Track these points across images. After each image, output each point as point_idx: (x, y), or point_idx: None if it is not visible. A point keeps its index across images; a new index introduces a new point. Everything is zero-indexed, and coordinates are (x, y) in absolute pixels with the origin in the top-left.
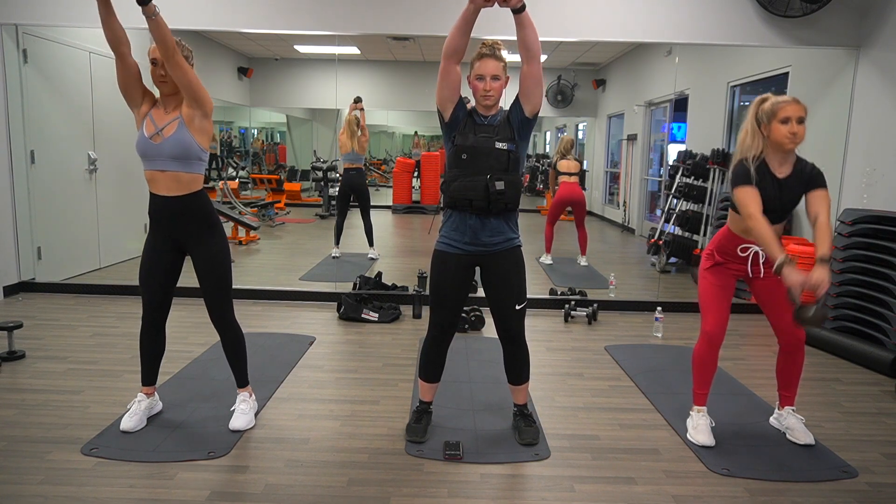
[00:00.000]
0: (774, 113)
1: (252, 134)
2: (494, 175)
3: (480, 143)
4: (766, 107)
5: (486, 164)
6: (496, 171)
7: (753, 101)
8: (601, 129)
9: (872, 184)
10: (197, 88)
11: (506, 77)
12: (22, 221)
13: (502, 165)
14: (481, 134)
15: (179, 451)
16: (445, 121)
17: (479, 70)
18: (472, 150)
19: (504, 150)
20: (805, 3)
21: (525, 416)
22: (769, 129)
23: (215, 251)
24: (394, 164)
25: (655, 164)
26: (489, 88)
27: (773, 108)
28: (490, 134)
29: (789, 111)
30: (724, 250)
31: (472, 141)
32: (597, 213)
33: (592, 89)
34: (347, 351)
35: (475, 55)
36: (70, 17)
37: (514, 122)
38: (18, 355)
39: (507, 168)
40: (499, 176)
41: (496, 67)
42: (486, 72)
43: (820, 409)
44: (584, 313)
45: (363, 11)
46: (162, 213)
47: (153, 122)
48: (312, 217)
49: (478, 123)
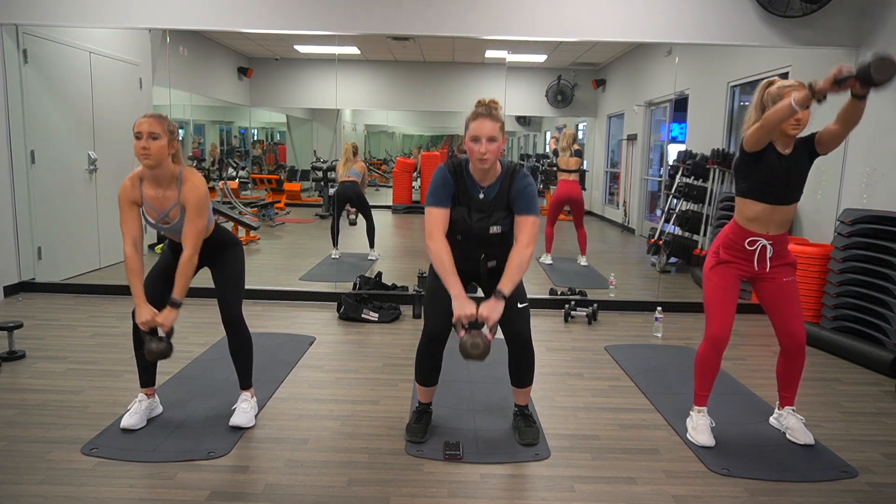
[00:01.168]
0: (780, 97)
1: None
2: (487, 256)
3: (475, 228)
4: (772, 90)
5: (479, 247)
6: (489, 252)
7: (760, 83)
8: (601, 129)
9: (872, 184)
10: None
11: (503, 137)
12: (22, 221)
13: (495, 247)
14: (476, 216)
15: (179, 451)
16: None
17: (474, 131)
18: (466, 234)
19: (498, 234)
20: (805, 3)
21: (525, 416)
22: None
23: (234, 264)
24: (394, 164)
25: (655, 164)
26: (485, 151)
27: (779, 92)
28: (485, 213)
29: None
30: (731, 245)
31: (466, 226)
32: (597, 213)
33: (592, 89)
34: (347, 351)
35: (470, 115)
36: (70, 17)
37: (512, 196)
38: (18, 355)
39: (501, 245)
40: (491, 255)
41: (493, 129)
42: (483, 133)
43: (820, 409)
44: (584, 313)
45: (363, 11)
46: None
47: (153, 209)
48: (312, 217)
49: (473, 197)
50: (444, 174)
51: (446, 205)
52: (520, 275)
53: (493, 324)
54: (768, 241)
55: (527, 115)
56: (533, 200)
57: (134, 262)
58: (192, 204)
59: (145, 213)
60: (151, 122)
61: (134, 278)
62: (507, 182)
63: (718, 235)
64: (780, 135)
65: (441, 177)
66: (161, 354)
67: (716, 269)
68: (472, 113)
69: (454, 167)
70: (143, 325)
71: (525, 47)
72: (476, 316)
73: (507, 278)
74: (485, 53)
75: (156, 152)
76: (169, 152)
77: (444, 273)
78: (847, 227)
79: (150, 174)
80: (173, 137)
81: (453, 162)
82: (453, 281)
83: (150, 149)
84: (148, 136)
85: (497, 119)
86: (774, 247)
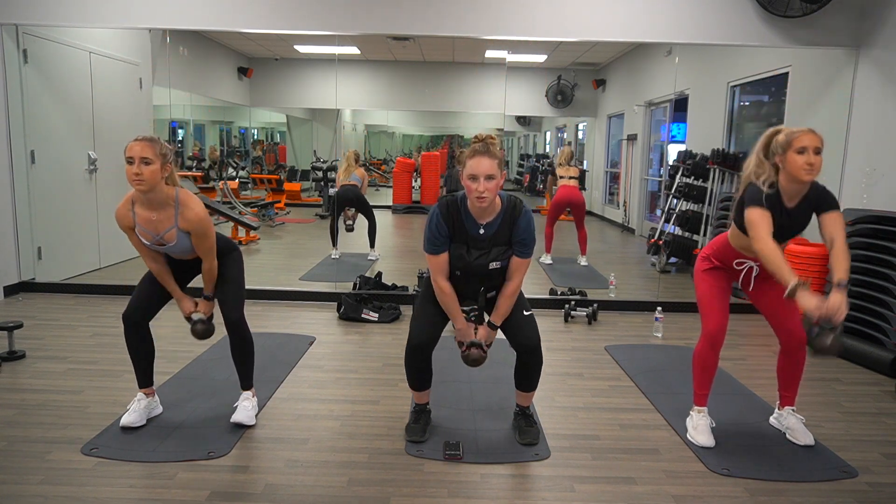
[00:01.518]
0: (790, 143)
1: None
2: (487, 288)
3: (475, 266)
4: (780, 138)
5: (478, 282)
6: (488, 285)
7: (765, 133)
8: (601, 129)
9: (872, 184)
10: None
11: (502, 174)
12: (22, 221)
13: (494, 280)
14: (475, 253)
15: (179, 451)
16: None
17: (472, 170)
18: (465, 270)
19: (497, 269)
20: (805, 3)
21: (526, 416)
22: (784, 159)
23: (233, 270)
24: (394, 164)
25: (655, 164)
26: (483, 190)
27: (788, 138)
28: (485, 249)
29: (805, 141)
30: (721, 259)
31: (465, 263)
32: (597, 213)
33: (592, 89)
34: (347, 351)
35: (468, 152)
36: (70, 17)
37: (514, 236)
38: (18, 355)
39: (500, 278)
40: (490, 287)
41: (491, 166)
42: (480, 172)
43: (820, 409)
44: (584, 313)
45: (363, 11)
46: (177, 265)
47: (147, 232)
48: (312, 217)
49: (471, 235)
50: (438, 221)
51: (444, 249)
52: (509, 308)
53: (489, 343)
54: (756, 264)
55: (527, 115)
56: (532, 244)
57: (161, 273)
58: (197, 231)
59: (139, 235)
60: (143, 146)
61: (165, 279)
62: (509, 218)
63: (713, 241)
64: (790, 181)
65: (435, 224)
66: (206, 333)
67: (709, 271)
68: (470, 150)
69: (448, 207)
70: (188, 313)
71: (525, 47)
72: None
73: (499, 312)
74: (485, 53)
75: (149, 178)
76: (162, 176)
77: (449, 309)
78: (847, 227)
79: (142, 198)
80: (166, 161)
81: (448, 201)
82: (458, 317)
83: (142, 174)
84: (140, 161)
85: (494, 156)
86: (762, 266)
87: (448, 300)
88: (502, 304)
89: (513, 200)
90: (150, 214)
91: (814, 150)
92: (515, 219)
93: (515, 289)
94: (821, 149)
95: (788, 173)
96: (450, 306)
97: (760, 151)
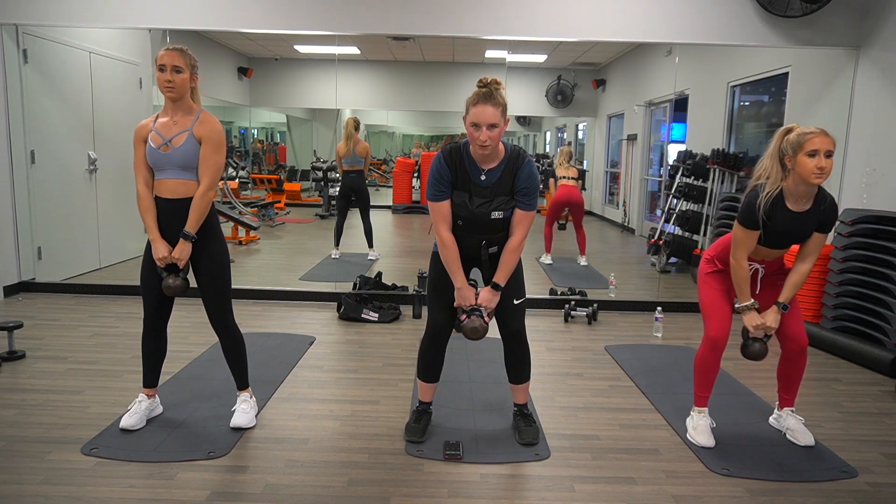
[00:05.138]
0: (801, 144)
1: (252, 134)
2: (489, 242)
3: (477, 214)
4: (791, 138)
5: (481, 231)
6: (490, 238)
7: (778, 131)
8: (601, 129)
9: (872, 184)
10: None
11: (505, 121)
12: (22, 221)
13: (496, 231)
14: (478, 201)
15: (179, 451)
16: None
17: (474, 117)
18: (467, 219)
19: (500, 219)
20: (805, 3)
21: (525, 415)
22: (794, 161)
23: (216, 257)
24: (394, 164)
25: (655, 164)
26: (485, 139)
27: (799, 139)
28: (487, 198)
29: (817, 143)
30: (726, 261)
31: (468, 211)
32: (597, 213)
33: (592, 89)
34: (347, 351)
35: (471, 97)
36: (70, 17)
37: (516, 185)
38: (18, 355)
39: (502, 230)
40: (492, 240)
41: (494, 115)
42: (483, 120)
43: (820, 409)
44: (584, 313)
45: (363, 11)
46: (164, 215)
47: (159, 135)
48: (312, 217)
49: (474, 182)
50: (440, 163)
51: (446, 196)
52: (514, 264)
53: (490, 310)
54: (761, 266)
55: (527, 115)
56: (535, 195)
57: (146, 199)
58: (210, 140)
59: (149, 141)
60: (174, 55)
61: (147, 215)
62: (511, 167)
63: (716, 243)
64: (798, 184)
65: (436, 167)
66: (179, 289)
67: (712, 274)
68: (473, 95)
69: (451, 152)
70: (161, 260)
71: (525, 47)
72: (476, 303)
73: (502, 270)
74: (485, 53)
75: (179, 85)
76: (191, 85)
77: (449, 264)
78: (847, 227)
79: (171, 106)
80: (195, 71)
81: (451, 147)
82: (458, 274)
83: (174, 81)
84: (172, 69)
85: (498, 103)
86: (767, 268)
87: (449, 254)
88: (506, 259)
89: (516, 149)
90: (170, 119)
91: (825, 152)
92: (518, 167)
93: (518, 244)
94: (832, 151)
95: (797, 175)
96: (450, 261)
97: (775, 152)
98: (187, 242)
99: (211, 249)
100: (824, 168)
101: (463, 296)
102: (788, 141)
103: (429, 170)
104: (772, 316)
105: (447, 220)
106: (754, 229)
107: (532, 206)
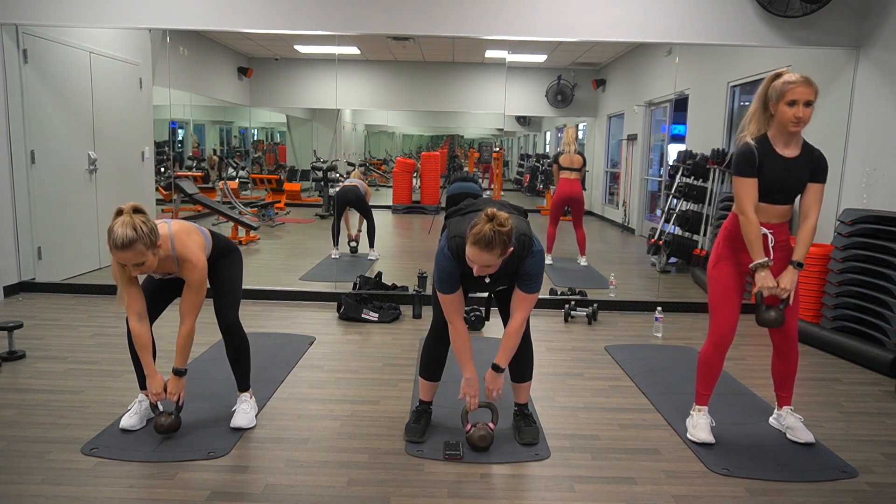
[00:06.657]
0: (783, 94)
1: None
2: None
3: (482, 288)
4: (776, 84)
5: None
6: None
7: (768, 75)
8: (601, 129)
9: (872, 184)
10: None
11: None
12: (22, 221)
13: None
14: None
15: (179, 451)
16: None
17: (470, 256)
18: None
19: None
20: (805, 4)
21: (525, 415)
22: (776, 108)
23: (231, 271)
24: (394, 164)
25: (655, 164)
26: (481, 272)
27: (783, 87)
28: (492, 280)
29: (797, 93)
30: (733, 237)
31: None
32: (597, 213)
33: (592, 89)
34: (347, 351)
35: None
36: (70, 17)
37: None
38: (18, 355)
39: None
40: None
41: (490, 259)
42: (478, 262)
43: (820, 409)
44: (584, 313)
45: (363, 11)
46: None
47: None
48: (312, 217)
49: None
50: (448, 258)
51: (456, 288)
52: (515, 346)
53: (497, 394)
54: (769, 231)
55: (527, 115)
56: (538, 280)
57: (142, 336)
58: (192, 283)
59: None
60: (129, 256)
61: (143, 352)
62: (517, 259)
63: (719, 232)
64: (780, 130)
65: (444, 262)
66: (171, 429)
67: (719, 267)
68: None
69: (457, 249)
70: (155, 396)
71: (525, 47)
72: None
73: (504, 353)
74: (485, 53)
75: (150, 265)
76: (157, 252)
77: (460, 355)
78: (847, 227)
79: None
80: (153, 242)
81: (458, 243)
82: (468, 364)
83: (143, 268)
84: (134, 267)
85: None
86: (776, 236)
87: (462, 344)
88: (507, 343)
89: (522, 241)
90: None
91: (804, 102)
92: (523, 259)
93: (518, 326)
94: (812, 101)
95: (778, 122)
96: (462, 352)
97: (761, 96)
98: (180, 379)
99: (225, 261)
100: (802, 117)
101: (470, 386)
102: (774, 88)
103: (435, 265)
104: (787, 277)
105: (460, 311)
106: (751, 176)
107: (534, 290)
